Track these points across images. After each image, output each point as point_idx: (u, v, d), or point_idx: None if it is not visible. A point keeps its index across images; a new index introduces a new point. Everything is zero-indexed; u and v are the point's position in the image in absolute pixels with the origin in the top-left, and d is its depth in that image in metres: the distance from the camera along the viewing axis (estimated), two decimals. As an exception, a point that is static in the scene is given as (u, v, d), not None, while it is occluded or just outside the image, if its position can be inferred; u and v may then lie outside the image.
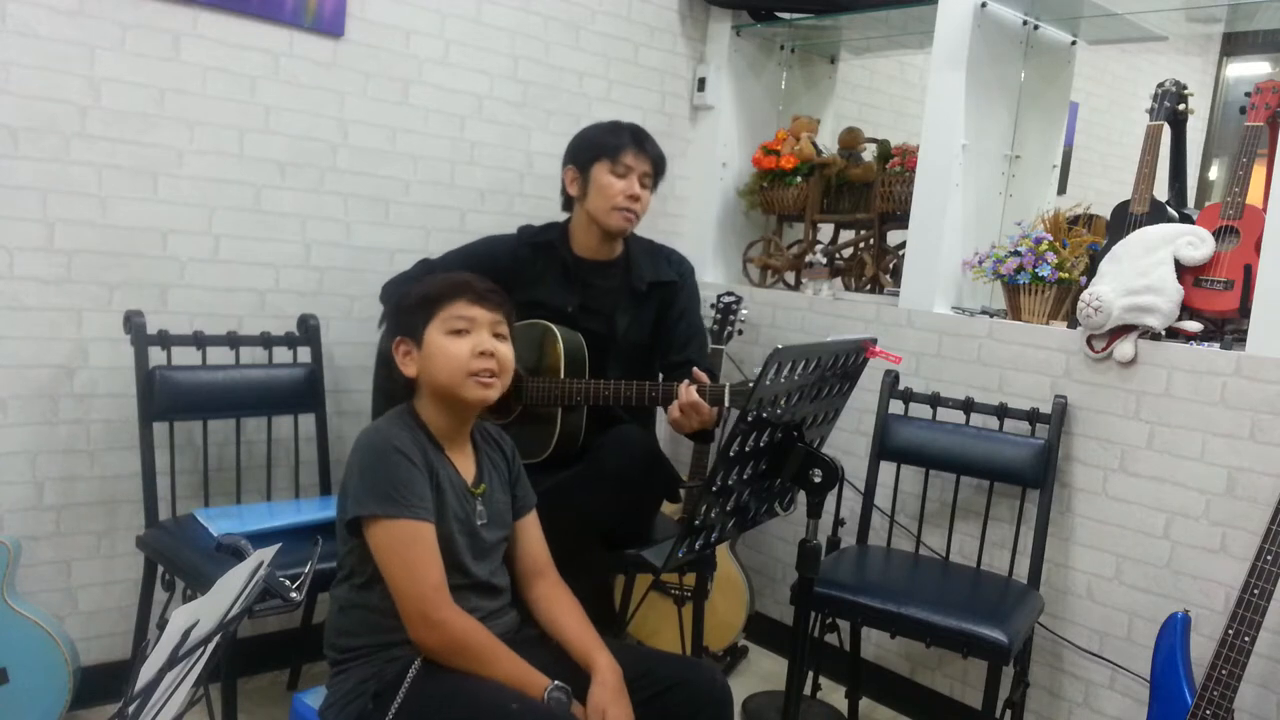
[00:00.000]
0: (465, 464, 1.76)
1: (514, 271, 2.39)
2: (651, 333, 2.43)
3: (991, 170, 2.84)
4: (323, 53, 2.57)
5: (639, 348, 2.41)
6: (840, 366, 1.74)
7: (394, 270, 2.75)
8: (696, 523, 1.58)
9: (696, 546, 1.65)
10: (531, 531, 1.86)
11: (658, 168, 2.39)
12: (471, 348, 1.68)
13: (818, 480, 1.66)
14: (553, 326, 2.30)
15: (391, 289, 2.42)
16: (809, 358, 1.60)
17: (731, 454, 1.54)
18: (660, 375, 2.42)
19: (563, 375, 2.26)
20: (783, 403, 1.60)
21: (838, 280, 3.13)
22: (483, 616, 1.67)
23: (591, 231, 2.38)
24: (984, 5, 2.68)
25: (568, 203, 2.44)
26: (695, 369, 2.14)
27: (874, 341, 1.81)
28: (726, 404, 2.06)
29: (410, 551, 1.58)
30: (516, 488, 1.86)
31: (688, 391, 2.07)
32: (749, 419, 1.52)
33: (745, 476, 1.63)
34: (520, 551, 1.84)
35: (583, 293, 2.38)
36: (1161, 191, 2.49)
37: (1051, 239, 2.49)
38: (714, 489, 1.56)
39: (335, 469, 2.62)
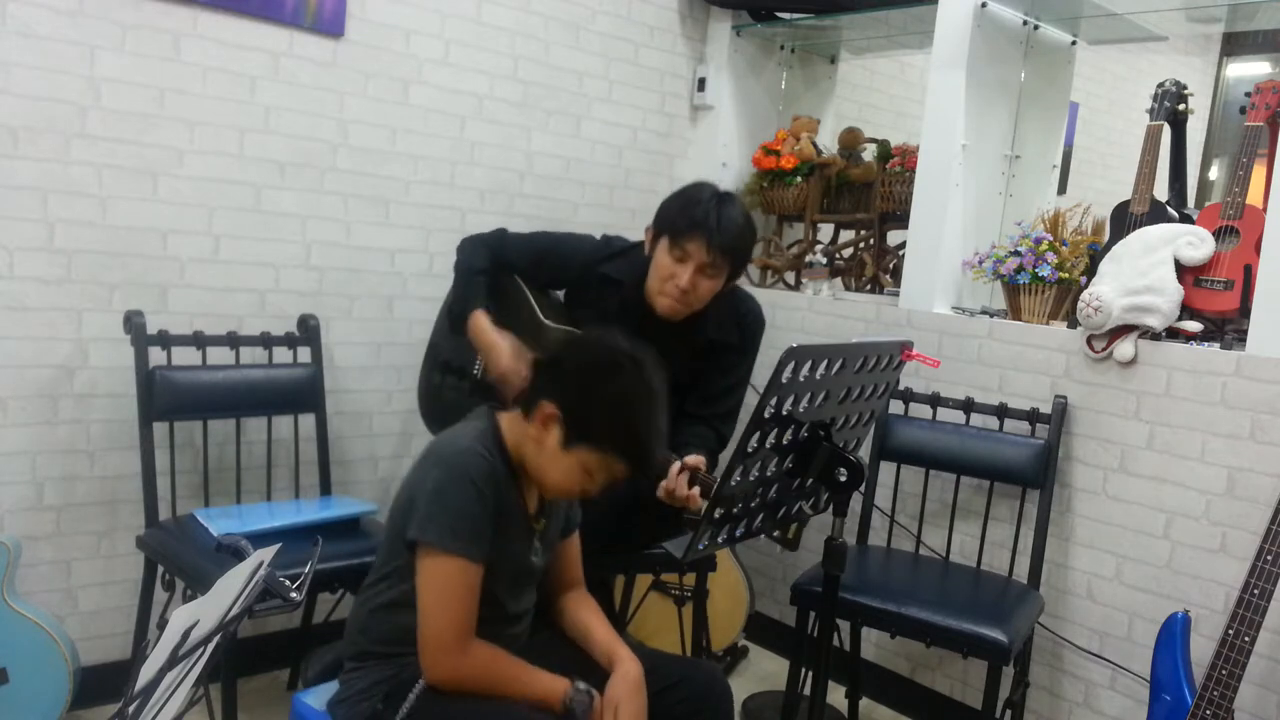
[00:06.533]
0: (533, 490, 1.70)
1: (578, 286, 2.33)
2: (695, 379, 2.31)
3: (991, 170, 2.84)
4: (323, 53, 2.57)
5: (678, 391, 2.26)
6: (872, 369, 1.73)
7: (394, 270, 2.77)
8: (717, 515, 1.58)
9: (720, 540, 1.65)
10: (572, 549, 1.83)
11: (734, 260, 2.13)
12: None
13: (843, 479, 1.66)
14: None
15: (469, 247, 2.36)
16: (831, 358, 1.59)
17: (750, 449, 1.54)
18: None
19: None
20: (805, 402, 1.60)
21: (838, 280, 3.13)
22: (495, 636, 1.64)
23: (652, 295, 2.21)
24: (984, 5, 2.68)
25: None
26: (691, 458, 1.94)
27: (911, 345, 1.78)
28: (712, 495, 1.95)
29: (451, 590, 1.55)
30: (570, 507, 1.82)
31: (671, 478, 1.92)
32: (767, 415, 1.52)
33: (769, 473, 1.63)
34: (559, 566, 1.81)
35: (635, 335, 2.28)
36: (1161, 191, 2.49)
37: (1051, 239, 2.49)
38: (733, 483, 1.55)
39: (335, 469, 2.62)
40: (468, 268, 2.34)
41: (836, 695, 2.72)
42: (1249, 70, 4.83)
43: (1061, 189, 3.14)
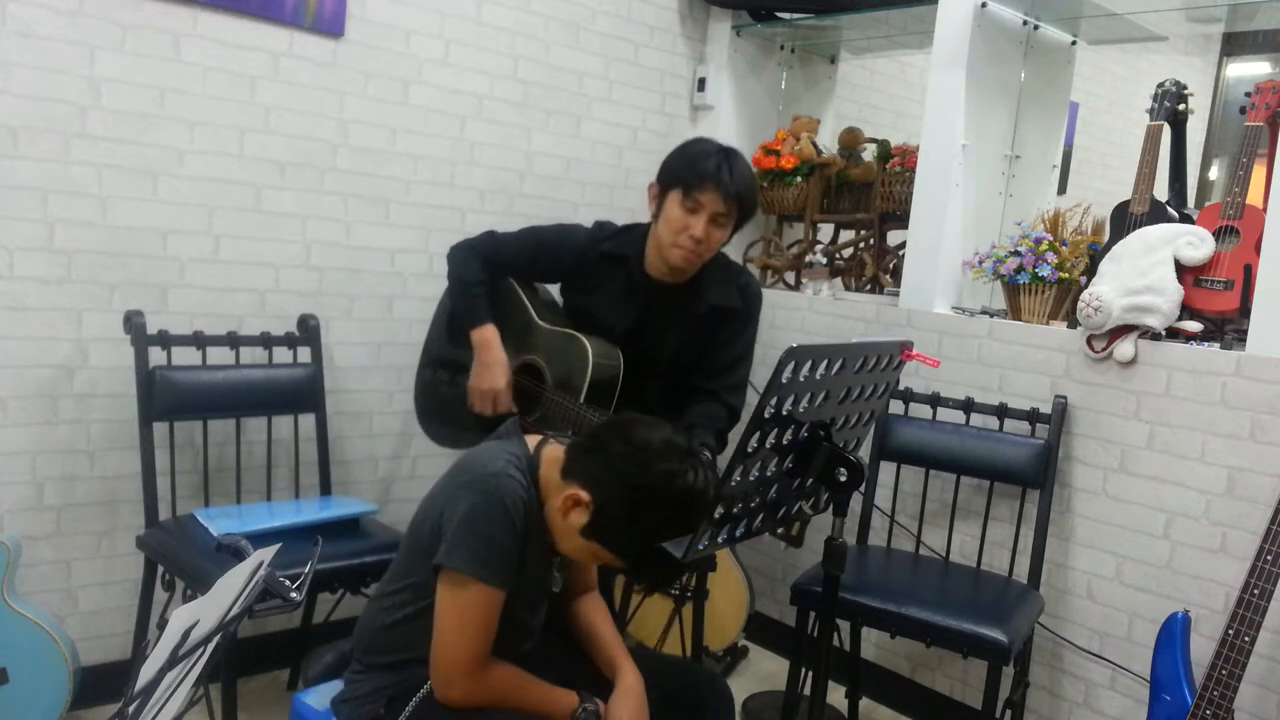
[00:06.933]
0: None
1: (576, 272, 2.33)
2: (701, 354, 2.32)
3: (991, 170, 2.84)
4: (323, 53, 2.57)
5: (685, 370, 2.32)
6: (872, 369, 1.73)
7: (394, 270, 2.76)
8: (717, 515, 1.58)
9: (720, 539, 1.65)
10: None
11: (743, 207, 2.20)
12: None
13: (843, 479, 1.66)
14: (590, 351, 2.20)
15: (460, 257, 2.36)
16: (831, 358, 1.59)
17: (750, 449, 1.54)
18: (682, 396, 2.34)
19: (582, 399, 2.18)
20: (805, 402, 1.60)
21: (838, 280, 3.13)
22: (507, 651, 1.64)
23: (659, 255, 2.24)
24: (984, 5, 2.68)
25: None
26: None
27: (911, 345, 1.78)
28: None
29: (472, 616, 1.54)
30: None
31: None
32: (767, 415, 1.52)
33: (769, 473, 1.63)
34: (575, 574, 1.81)
35: (640, 310, 2.28)
36: (1161, 191, 2.49)
37: (1051, 239, 2.49)
38: (733, 483, 1.56)
39: (335, 469, 2.62)
40: (464, 280, 2.33)
41: (836, 695, 2.72)
42: (1249, 70, 4.83)
43: (1061, 189, 3.14)
